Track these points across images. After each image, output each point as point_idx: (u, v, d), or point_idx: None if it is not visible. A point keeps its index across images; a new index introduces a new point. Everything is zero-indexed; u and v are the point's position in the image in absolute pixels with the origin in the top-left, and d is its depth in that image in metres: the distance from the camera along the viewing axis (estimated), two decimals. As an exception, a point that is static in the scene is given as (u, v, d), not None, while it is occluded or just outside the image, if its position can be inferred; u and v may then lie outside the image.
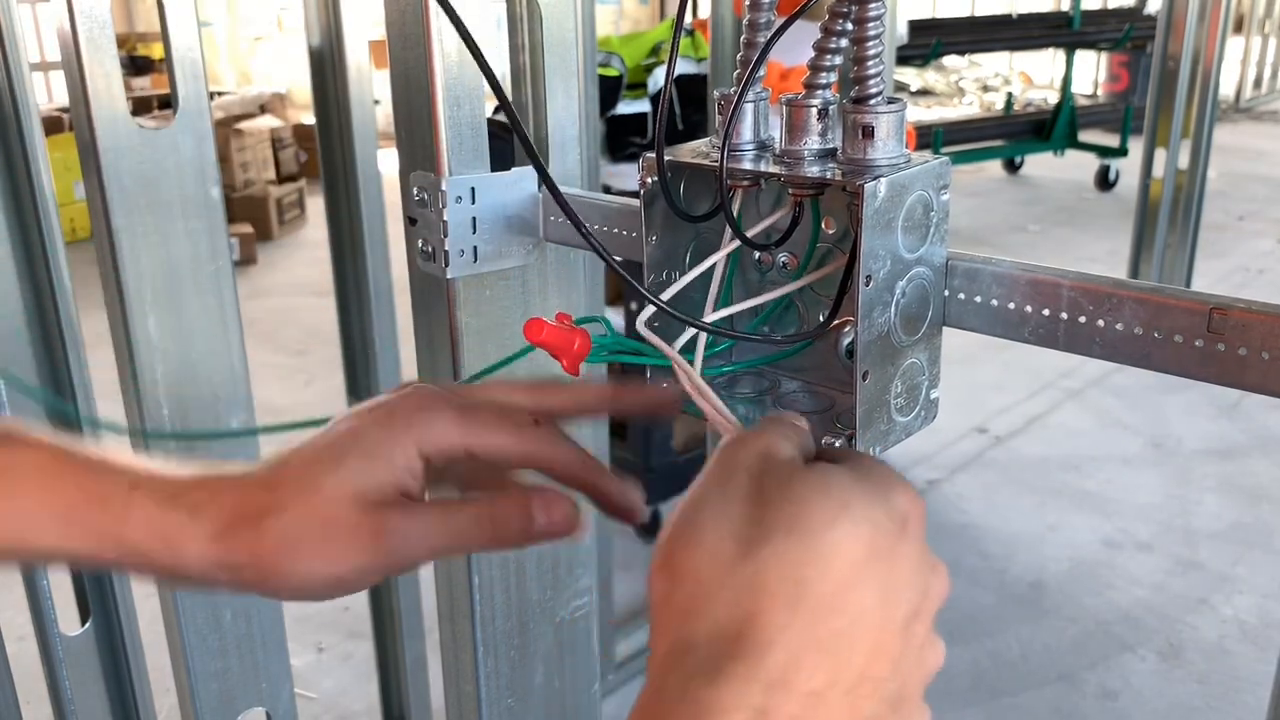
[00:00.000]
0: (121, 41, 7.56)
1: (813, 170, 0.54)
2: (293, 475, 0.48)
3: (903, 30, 5.43)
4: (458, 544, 0.50)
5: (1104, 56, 8.60)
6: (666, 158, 0.58)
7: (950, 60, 9.80)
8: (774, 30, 0.55)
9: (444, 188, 0.71)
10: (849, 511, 0.38)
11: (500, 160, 0.74)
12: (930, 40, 6.10)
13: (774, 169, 0.55)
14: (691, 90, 3.42)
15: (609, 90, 3.57)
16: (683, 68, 3.47)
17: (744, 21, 0.56)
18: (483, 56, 0.54)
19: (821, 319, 0.61)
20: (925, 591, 0.40)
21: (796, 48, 0.55)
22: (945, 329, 0.57)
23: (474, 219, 0.72)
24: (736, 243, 0.57)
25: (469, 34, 0.53)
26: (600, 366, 0.66)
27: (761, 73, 0.56)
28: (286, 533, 0.47)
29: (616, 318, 2.86)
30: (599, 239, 0.72)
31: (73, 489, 0.48)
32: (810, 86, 0.54)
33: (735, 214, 0.57)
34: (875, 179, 0.50)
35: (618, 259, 0.73)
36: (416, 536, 0.48)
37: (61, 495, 0.48)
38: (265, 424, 0.68)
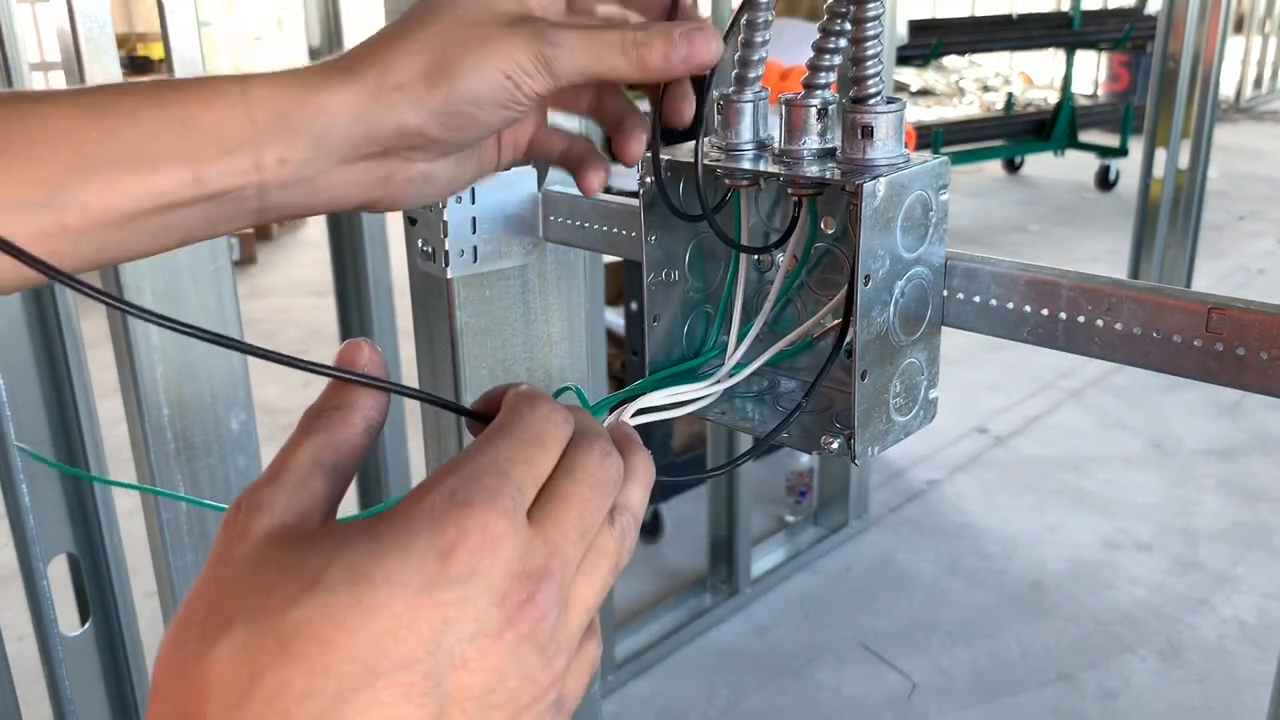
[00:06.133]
0: (121, 41, 7.56)
1: (811, 170, 0.54)
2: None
3: (903, 30, 5.44)
4: (602, 66, 0.49)
5: (1104, 56, 8.61)
6: (666, 157, 0.58)
7: (950, 60, 9.81)
8: (759, 29, 0.55)
9: (443, 187, 0.71)
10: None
11: (500, 160, 0.74)
12: (930, 40, 6.11)
13: (773, 168, 0.55)
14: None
15: (609, 90, 3.57)
16: (683, 68, 3.47)
17: (742, 21, 0.56)
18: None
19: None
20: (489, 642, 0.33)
21: (796, 47, 0.55)
22: (944, 329, 0.57)
23: (474, 219, 0.72)
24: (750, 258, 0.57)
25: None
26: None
27: (760, 72, 0.56)
28: (446, 41, 0.47)
29: (616, 319, 2.86)
30: (599, 238, 0.72)
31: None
32: (809, 86, 0.54)
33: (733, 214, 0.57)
34: (874, 178, 0.50)
35: (619, 259, 0.73)
36: (568, 45, 0.48)
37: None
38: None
